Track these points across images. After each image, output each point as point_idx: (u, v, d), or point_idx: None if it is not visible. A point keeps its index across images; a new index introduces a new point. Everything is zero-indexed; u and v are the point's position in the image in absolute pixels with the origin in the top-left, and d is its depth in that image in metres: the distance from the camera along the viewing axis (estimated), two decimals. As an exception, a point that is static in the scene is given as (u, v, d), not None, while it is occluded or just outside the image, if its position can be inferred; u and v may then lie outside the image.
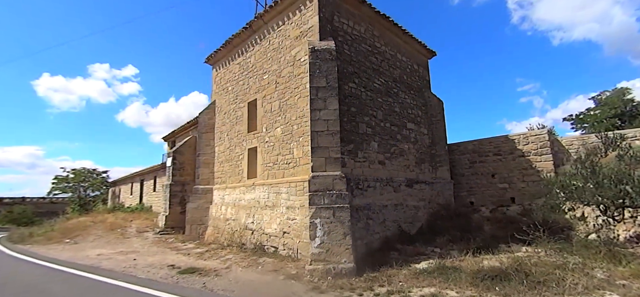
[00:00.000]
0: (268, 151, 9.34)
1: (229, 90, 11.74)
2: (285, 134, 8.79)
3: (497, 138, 11.83)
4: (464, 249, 7.54)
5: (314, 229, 6.53)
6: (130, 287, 5.95)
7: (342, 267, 6.17)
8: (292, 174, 8.35)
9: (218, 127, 12.14)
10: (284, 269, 6.66)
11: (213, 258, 8.34)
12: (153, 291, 5.52)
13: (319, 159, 7.11)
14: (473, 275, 5.66)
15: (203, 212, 11.73)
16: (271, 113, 9.40)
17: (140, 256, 9.33)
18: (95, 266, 7.85)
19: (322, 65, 7.50)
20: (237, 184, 10.52)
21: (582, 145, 10.32)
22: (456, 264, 6.39)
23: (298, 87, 8.54)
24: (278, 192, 8.63)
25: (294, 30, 8.92)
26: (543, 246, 7.22)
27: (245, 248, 9.08)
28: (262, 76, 10.02)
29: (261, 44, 10.25)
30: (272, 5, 9.46)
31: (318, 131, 7.23)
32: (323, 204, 6.69)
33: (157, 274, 6.87)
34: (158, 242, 12.02)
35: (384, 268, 6.41)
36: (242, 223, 9.70)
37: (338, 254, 6.36)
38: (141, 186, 24.31)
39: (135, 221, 18.19)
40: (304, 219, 7.49)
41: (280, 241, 8.08)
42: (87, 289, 6.00)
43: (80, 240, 13.19)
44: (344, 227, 6.53)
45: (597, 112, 19.96)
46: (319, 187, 6.88)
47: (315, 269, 6.18)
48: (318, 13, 8.18)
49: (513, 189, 11.21)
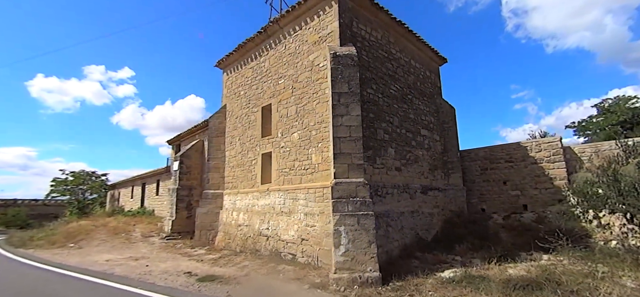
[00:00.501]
0: (284, 156, 9.24)
1: (240, 95, 11.65)
2: (302, 139, 8.71)
3: (509, 145, 11.85)
4: (485, 257, 7.48)
5: (338, 237, 6.43)
6: (151, 295, 5.80)
7: (368, 275, 6.06)
8: (310, 180, 8.25)
9: (229, 132, 12.02)
10: (306, 278, 6.54)
11: (229, 265, 8.18)
12: (178, 300, 5.38)
13: (341, 166, 7.03)
14: (503, 285, 5.59)
15: (213, 218, 11.56)
16: (287, 118, 9.31)
17: (151, 262, 9.14)
18: (107, 273, 7.65)
19: (344, 70, 7.45)
20: (249, 189, 10.39)
21: (594, 153, 10.36)
22: (482, 273, 6.31)
23: (316, 92, 8.48)
24: (295, 198, 8.52)
25: (312, 36, 8.88)
26: (564, 255, 7.21)
27: (260, 255, 8.94)
28: (277, 81, 9.95)
29: (276, 49, 10.19)
30: (289, 10, 9.42)
31: (340, 137, 7.15)
32: (347, 211, 6.60)
33: (175, 281, 6.71)
34: (166, 247, 11.81)
35: (408, 277, 6.33)
36: (256, 229, 9.56)
37: (363, 263, 6.26)
38: (143, 189, 24.00)
39: (138, 225, 17.94)
40: (325, 226, 7.40)
41: (299, 248, 7.95)
42: (108, 298, 5.85)
43: (85, 245, 12.93)
44: (369, 235, 6.44)
45: (600, 119, 20.12)
46: (342, 194, 6.79)
47: (340, 278, 6.07)
48: (338, 19, 8.15)
49: (525, 196, 11.20)
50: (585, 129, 21.24)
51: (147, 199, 22.80)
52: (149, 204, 22.05)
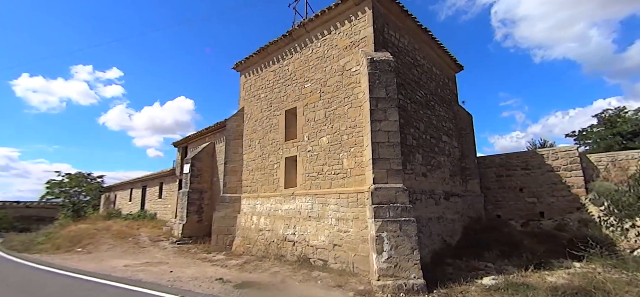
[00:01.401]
0: (311, 160, 9.15)
1: (261, 97, 11.52)
2: (332, 143, 8.64)
3: (525, 153, 12.04)
4: (517, 264, 7.51)
5: (380, 243, 6.36)
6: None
7: (413, 283, 6.01)
8: (341, 185, 8.17)
9: (247, 135, 11.85)
10: (348, 285, 6.44)
11: (257, 271, 8.00)
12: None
13: (380, 171, 6.99)
14: (550, 293, 5.61)
15: (230, 222, 11.33)
16: (315, 122, 9.24)
17: (172, 267, 8.88)
18: (133, 279, 7.36)
19: (381, 76, 7.44)
20: (271, 194, 10.23)
21: (611, 162, 10.61)
22: (523, 281, 6.32)
23: (348, 96, 8.44)
24: (325, 203, 8.42)
25: (343, 40, 8.86)
26: (595, 263, 7.30)
27: (287, 260, 8.78)
28: (303, 84, 9.88)
29: (302, 52, 10.13)
30: (318, 14, 9.39)
31: (379, 142, 7.12)
32: (389, 217, 6.54)
33: (210, 288, 6.51)
34: (181, 252, 11.51)
35: (449, 283, 6.30)
36: (280, 234, 9.40)
37: (406, 269, 6.20)
38: (143, 192, 23.46)
39: (142, 228, 17.50)
40: (361, 232, 7.32)
41: (331, 254, 7.84)
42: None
43: (93, 249, 12.51)
44: (411, 241, 6.39)
45: (600, 129, 20.67)
46: (382, 200, 6.74)
47: (385, 285, 5.99)
48: (372, 24, 8.16)
49: (542, 203, 11.36)
50: (585, 138, 21.80)
51: (148, 202, 22.28)
52: (150, 207, 21.55)
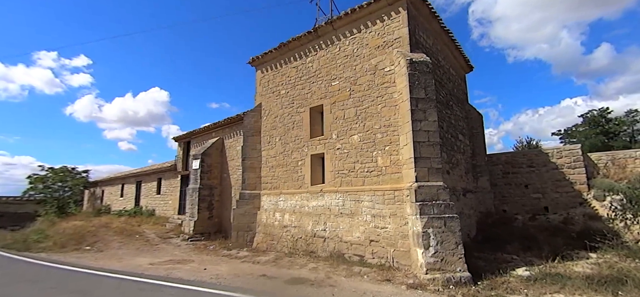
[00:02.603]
0: (340, 157, 9.27)
1: (281, 94, 11.46)
2: (364, 141, 8.80)
3: (531, 151, 12.76)
4: (539, 256, 8.07)
5: (427, 239, 6.64)
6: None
7: (460, 276, 6.33)
8: (376, 183, 8.37)
9: (266, 131, 11.78)
10: (395, 279, 6.67)
11: (294, 267, 8.08)
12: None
13: (422, 170, 7.24)
14: (586, 281, 6.11)
15: (250, 218, 11.28)
16: (344, 120, 9.35)
17: (201, 265, 8.79)
18: (175, 277, 7.20)
19: (420, 77, 7.66)
20: (296, 190, 10.28)
21: (610, 161, 11.48)
22: (556, 271, 6.82)
23: (381, 96, 8.62)
24: (358, 200, 8.60)
25: (375, 39, 9.00)
26: (610, 253, 7.97)
27: (317, 256, 8.91)
28: (329, 82, 9.94)
29: (328, 50, 10.17)
30: (348, 12, 9.46)
31: (420, 142, 7.36)
32: (433, 214, 6.82)
33: (262, 284, 6.54)
34: (198, 249, 11.35)
35: (488, 275, 6.68)
36: (309, 230, 9.50)
37: (452, 263, 6.52)
38: (137, 187, 22.67)
39: (144, 225, 17.06)
40: (400, 228, 7.57)
41: (368, 250, 8.05)
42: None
43: (103, 247, 12.05)
44: (456, 236, 6.72)
45: (585, 128, 22.12)
46: (425, 197, 7.01)
47: (434, 279, 6.28)
48: (407, 25, 8.34)
49: (546, 198, 12.11)
50: (570, 137, 23.26)
51: (144, 197, 21.59)
52: (147, 203, 20.89)
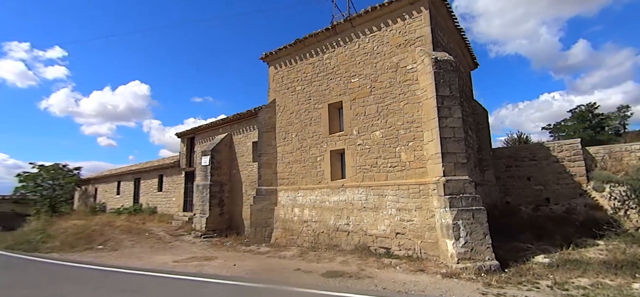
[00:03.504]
0: (362, 153, 9.50)
1: (297, 90, 11.55)
2: (386, 137, 9.05)
3: (533, 145, 13.38)
4: (552, 244, 8.61)
5: (457, 230, 6.99)
6: (303, 291, 5.80)
7: (490, 264, 6.72)
8: (399, 177, 8.66)
9: (282, 127, 11.85)
10: (428, 269, 6.99)
11: (323, 260, 8.29)
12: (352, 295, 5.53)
13: (448, 164, 7.57)
14: (603, 266, 6.61)
15: (267, 214, 11.39)
16: (365, 116, 9.57)
17: (228, 261, 8.89)
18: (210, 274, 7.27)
19: (445, 75, 7.96)
20: (315, 186, 10.46)
21: (607, 154, 12.21)
22: (570, 258, 7.33)
23: (404, 93, 8.87)
24: (381, 194, 8.87)
25: (396, 38, 9.22)
26: (615, 240, 8.59)
27: (341, 249, 9.16)
28: (349, 79, 10.11)
29: (346, 47, 10.32)
30: (368, 10, 9.62)
31: (446, 138, 7.68)
32: (462, 206, 7.18)
33: (302, 279, 6.69)
34: (216, 246, 11.39)
35: (511, 263, 7.12)
36: (331, 225, 9.72)
37: (481, 253, 6.90)
38: (136, 184, 22.25)
39: (148, 223, 16.89)
40: (427, 221, 7.90)
41: (394, 242, 8.36)
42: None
43: (115, 246, 11.90)
44: (483, 227, 7.10)
45: (574, 122, 23.22)
46: (453, 191, 7.35)
47: (466, 267, 6.64)
48: (430, 24, 8.60)
49: (548, 190, 12.77)
50: (559, 131, 24.36)
51: (143, 195, 21.23)
52: (147, 200, 20.57)
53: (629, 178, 9.80)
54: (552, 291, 5.68)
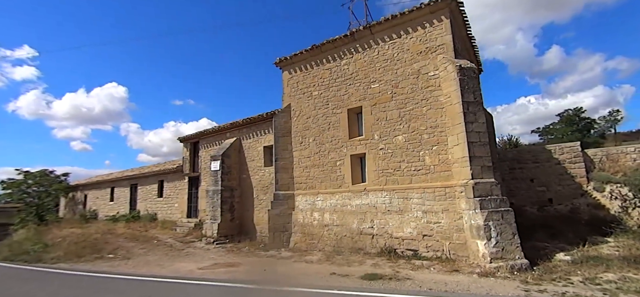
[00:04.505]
0: (384, 157, 9.70)
1: (313, 95, 11.64)
2: (409, 142, 9.29)
3: (535, 148, 14.04)
4: (565, 243, 9.08)
5: (488, 231, 7.27)
6: (360, 294, 5.89)
7: (520, 262, 7.03)
8: (424, 181, 8.90)
9: (298, 131, 11.90)
10: (462, 269, 7.23)
11: (353, 264, 8.38)
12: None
13: (476, 168, 7.87)
14: (624, 262, 7.06)
15: (286, 219, 11.38)
16: (387, 121, 9.78)
17: (254, 267, 8.88)
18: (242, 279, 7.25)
19: (469, 82, 8.28)
20: (335, 190, 10.56)
21: (605, 156, 12.95)
22: (593, 254, 7.76)
23: (426, 98, 9.15)
24: (406, 197, 9.08)
25: (416, 45, 9.50)
26: (623, 237, 9.15)
27: (367, 253, 9.29)
28: (369, 84, 10.31)
29: (365, 53, 10.53)
30: (388, 18, 9.88)
31: (473, 142, 7.98)
32: (491, 208, 7.47)
33: (344, 283, 6.74)
34: (233, 252, 11.28)
35: (536, 261, 7.46)
36: (354, 228, 9.84)
37: (511, 252, 7.20)
38: (132, 190, 21.62)
39: (151, 231, 16.50)
40: (454, 222, 8.16)
41: (421, 244, 8.56)
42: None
43: (127, 254, 11.56)
44: (512, 227, 7.41)
45: (562, 126, 24.39)
46: (481, 193, 7.64)
47: (499, 267, 6.92)
48: (451, 32, 8.93)
49: (550, 191, 13.39)
50: (548, 134, 25.53)
51: (141, 201, 20.64)
52: (146, 207, 20.01)
53: (628, 179, 10.43)
54: (586, 285, 6.02)
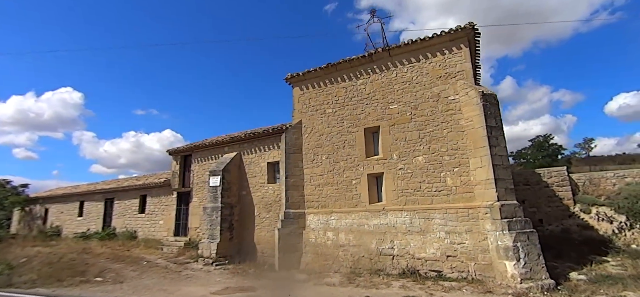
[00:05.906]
0: (404, 177, 9.77)
1: (327, 113, 11.57)
2: (430, 162, 9.46)
3: (526, 171, 14.95)
4: (572, 262, 9.61)
5: (516, 252, 7.49)
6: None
7: (548, 282, 7.27)
8: (446, 202, 9.05)
9: (310, 148, 11.68)
10: (495, 290, 7.32)
11: (380, 286, 8.20)
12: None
13: (500, 190, 8.16)
14: (637, 280, 7.58)
15: (296, 239, 10.95)
16: (406, 142, 9.92)
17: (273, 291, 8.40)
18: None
19: (490, 108, 8.70)
20: (351, 209, 10.40)
21: (588, 180, 14.12)
22: (602, 274, 8.25)
23: (446, 121, 9.44)
24: (428, 217, 9.15)
25: (436, 70, 9.86)
26: (620, 256, 9.89)
27: (388, 274, 9.14)
28: (386, 105, 10.46)
29: (383, 74, 10.73)
30: (408, 42, 10.20)
31: (497, 165, 8.30)
32: (518, 229, 7.73)
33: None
34: (238, 273, 10.61)
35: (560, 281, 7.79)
36: (373, 249, 9.69)
37: (538, 272, 7.45)
38: (107, 205, 19.80)
39: (134, 250, 15.13)
40: (479, 243, 8.33)
41: (445, 265, 8.60)
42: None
43: (118, 278, 10.36)
44: (537, 248, 7.70)
45: (533, 150, 26.37)
46: (507, 214, 7.91)
47: (529, 287, 7.11)
48: (471, 60, 9.40)
49: (541, 212, 14.23)
50: (521, 158, 27.45)
51: (118, 217, 18.94)
52: (124, 223, 18.37)
53: (613, 202, 11.43)
54: (617, 304, 6.35)
